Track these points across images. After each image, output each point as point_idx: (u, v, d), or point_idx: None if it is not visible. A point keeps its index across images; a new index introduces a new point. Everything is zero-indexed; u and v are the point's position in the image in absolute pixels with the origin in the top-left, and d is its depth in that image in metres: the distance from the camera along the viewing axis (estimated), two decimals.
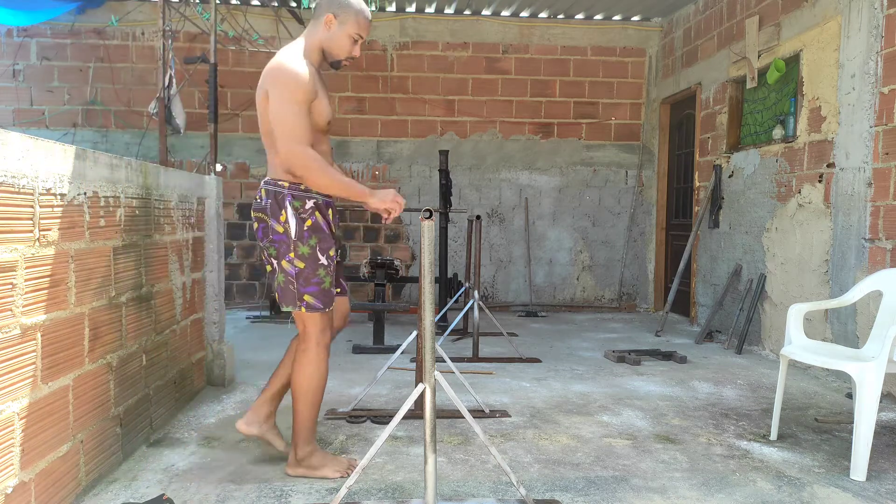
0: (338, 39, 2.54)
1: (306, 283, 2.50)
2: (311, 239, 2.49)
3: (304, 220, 2.49)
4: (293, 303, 2.52)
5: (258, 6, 7.08)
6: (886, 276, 3.19)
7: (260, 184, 2.61)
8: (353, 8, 2.53)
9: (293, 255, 2.49)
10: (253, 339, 5.50)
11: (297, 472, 2.60)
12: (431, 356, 2.21)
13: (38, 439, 2.08)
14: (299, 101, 2.41)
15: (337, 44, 2.55)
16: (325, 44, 2.55)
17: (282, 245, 2.50)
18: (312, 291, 2.51)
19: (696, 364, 4.81)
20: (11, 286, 1.94)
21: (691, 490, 2.55)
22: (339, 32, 2.53)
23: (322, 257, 2.52)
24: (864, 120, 4.10)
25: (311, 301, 2.51)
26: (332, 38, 2.54)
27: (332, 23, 2.52)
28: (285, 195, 2.49)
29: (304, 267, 2.49)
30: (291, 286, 2.51)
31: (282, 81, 2.42)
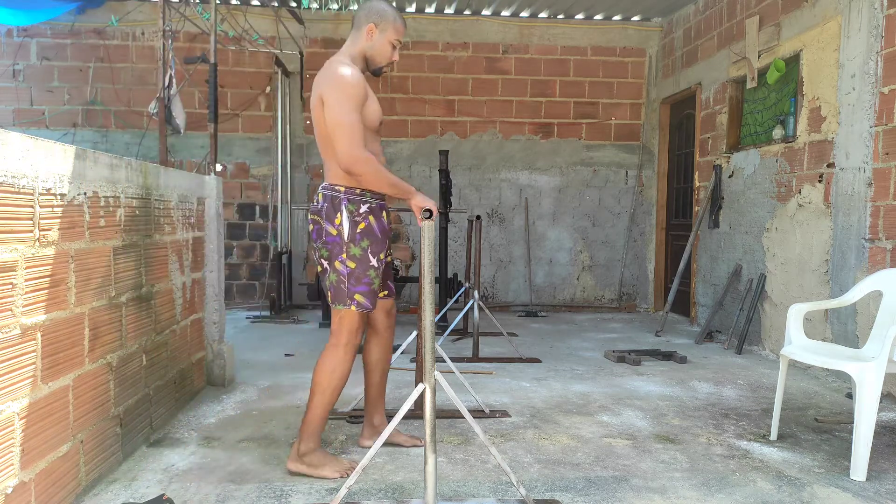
0: (379, 47, 2.72)
1: (357, 282, 2.63)
2: (362, 241, 2.63)
3: (358, 224, 2.62)
4: (344, 301, 2.65)
5: (258, 6, 7.08)
6: (886, 276, 3.19)
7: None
8: (390, 16, 2.72)
9: (345, 255, 2.62)
10: (253, 339, 5.50)
11: (296, 468, 2.63)
12: (431, 356, 2.21)
13: (38, 439, 2.08)
14: (355, 104, 2.55)
15: (379, 51, 2.73)
16: (367, 52, 2.73)
17: (334, 246, 2.64)
18: (363, 291, 2.64)
19: (696, 364, 4.81)
20: (11, 286, 1.94)
21: (691, 490, 2.55)
22: (380, 40, 2.71)
23: (373, 259, 2.65)
24: (864, 120, 4.10)
25: (361, 300, 2.64)
26: (374, 47, 2.72)
27: (374, 32, 2.70)
28: (341, 199, 2.62)
29: (355, 267, 2.63)
30: (343, 285, 2.64)
31: (338, 87, 2.55)
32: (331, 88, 2.56)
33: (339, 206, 2.62)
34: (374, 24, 2.69)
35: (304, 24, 7.08)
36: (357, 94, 2.56)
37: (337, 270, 2.64)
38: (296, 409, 3.53)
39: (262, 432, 3.16)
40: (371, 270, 2.64)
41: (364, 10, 2.73)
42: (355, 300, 2.63)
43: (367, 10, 2.72)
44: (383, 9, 2.72)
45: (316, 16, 7.19)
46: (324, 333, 5.85)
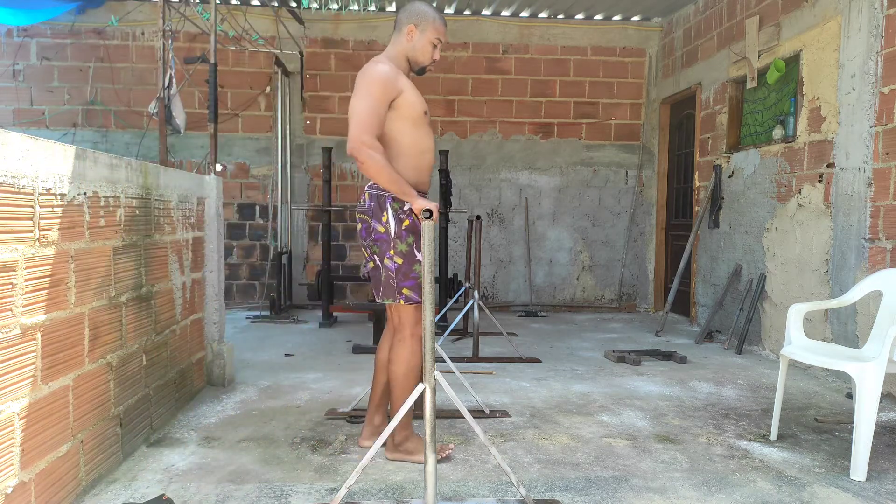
0: (420, 47, 2.79)
1: (405, 277, 2.69)
2: (408, 237, 2.69)
3: (402, 221, 2.69)
4: (393, 296, 2.71)
5: (258, 6, 7.08)
6: (886, 276, 3.19)
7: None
8: (430, 16, 2.78)
9: (393, 252, 2.69)
10: (253, 339, 5.50)
11: (394, 457, 2.75)
12: (431, 356, 2.21)
13: (38, 439, 2.08)
14: (374, 94, 2.61)
15: (420, 51, 2.79)
16: (409, 53, 2.80)
17: (383, 243, 2.72)
18: (410, 285, 2.69)
19: (696, 364, 4.81)
20: (11, 286, 1.94)
21: (691, 490, 2.55)
22: (421, 41, 2.78)
23: (418, 254, 2.69)
24: (864, 120, 4.10)
25: (408, 294, 2.69)
26: (416, 47, 2.79)
27: (414, 32, 2.77)
28: (386, 198, 2.69)
29: (403, 263, 2.69)
30: (391, 280, 2.70)
31: (361, 81, 2.65)
32: (357, 83, 2.67)
33: (385, 205, 2.69)
34: (414, 24, 2.76)
35: (304, 24, 7.08)
36: (378, 85, 2.62)
37: (386, 266, 2.71)
38: (296, 409, 3.54)
39: (262, 432, 3.16)
40: (417, 265, 2.69)
41: (405, 11, 2.80)
42: (403, 294, 2.69)
43: (407, 12, 2.79)
44: (423, 9, 2.78)
45: (316, 16, 7.19)
46: (324, 333, 5.86)
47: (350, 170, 7.39)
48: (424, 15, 2.77)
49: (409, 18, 2.77)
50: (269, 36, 6.92)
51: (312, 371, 4.44)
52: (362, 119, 2.58)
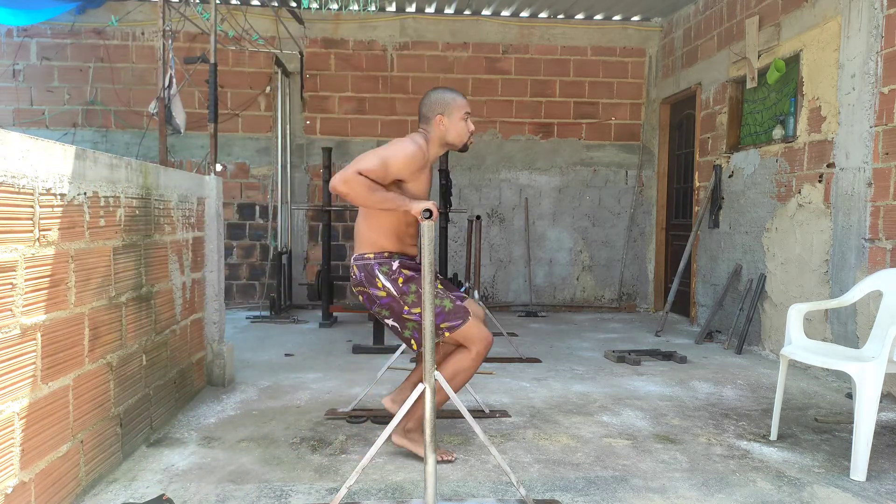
0: (454, 129, 2.85)
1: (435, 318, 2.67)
2: (411, 288, 2.70)
3: (397, 280, 2.71)
4: (439, 336, 2.70)
5: (258, 6, 7.08)
6: (886, 276, 3.19)
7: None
8: (450, 99, 2.84)
9: (407, 307, 2.70)
10: (253, 339, 5.50)
11: (399, 442, 2.78)
12: (431, 356, 2.21)
13: (38, 439, 2.08)
14: (390, 161, 2.63)
15: (456, 132, 2.85)
16: (446, 138, 2.86)
17: (392, 305, 2.72)
18: (441, 321, 2.68)
19: (696, 364, 4.81)
20: (11, 286, 1.94)
21: (691, 490, 2.55)
22: (451, 123, 2.84)
23: None
24: (864, 120, 4.10)
25: (447, 325, 2.69)
26: (450, 131, 2.84)
27: (443, 120, 2.83)
28: (373, 265, 2.73)
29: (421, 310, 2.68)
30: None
31: (395, 142, 2.73)
32: (393, 141, 2.74)
33: (374, 272, 2.71)
34: (440, 114, 2.82)
35: (304, 24, 7.09)
36: (401, 156, 2.66)
37: (411, 321, 2.72)
38: (296, 409, 3.54)
39: (262, 432, 3.16)
40: (436, 300, 2.66)
41: (426, 105, 2.85)
42: (443, 330, 2.69)
43: (429, 105, 2.84)
44: (442, 97, 2.84)
45: (316, 16, 7.19)
46: (324, 333, 5.86)
47: None
48: (445, 101, 2.83)
49: (434, 110, 2.82)
50: (269, 36, 6.92)
51: (312, 371, 4.44)
52: (365, 165, 2.58)
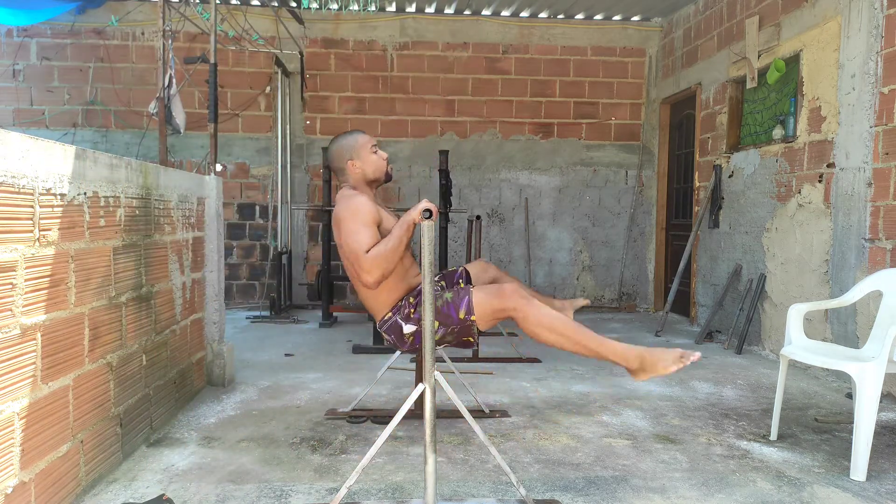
0: (369, 165, 2.87)
1: (448, 320, 2.67)
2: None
3: (409, 314, 2.75)
4: (468, 311, 2.66)
5: (258, 6, 7.08)
6: (886, 276, 3.19)
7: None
8: (351, 142, 2.87)
9: (437, 322, 2.66)
10: (253, 339, 5.50)
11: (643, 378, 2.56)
12: (431, 356, 2.21)
13: (38, 439, 2.08)
14: (364, 222, 2.65)
15: (372, 167, 2.88)
16: (366, 177, 2.88)
17: (418, 333, 2.74)
18: (453, 311, 2.66)
19: (696, 364, 4.80)
20: (11, 286, 1.94)
21: (691, 490, 2.55)
22: (364, 163, 2.86)
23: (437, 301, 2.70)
24: (864, 120, 4.10)
25: (464, 312, 2.65)
26: (366, 169, 2.87)
27: (355, 163, 2.85)
28: (395, 320, 2.76)
29: (440, 321, 2.67)
30: (457, 323, 2.68)
31: (345, 214, 2.68)
32: (339, 221, 2.69)
33: (399, 326, 2.74)
34: (349, 159, 2.85)
35: (304, 24, 7.09)
36: (361, 212, 2.66)
37: (449, 319, 2.68)
38: (296, 409, 3.54)
39: (262, 432, 3.16)
40: (439, 300, 2.68)
41: (334, 159, 2.89)
42: (469, 309, 2.64)
43: (336, 157, 2.88)
44: (343, 144, 2.87)
45: (316, 16, 7.19)
46: (324, 333, 5.86)
47: None
48: (348, 146, 2.86)
49: (342, 158, 2.85)
50: (269, 36, 6.92)
51: (312, 371, 4.44)
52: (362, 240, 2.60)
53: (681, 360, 2.45)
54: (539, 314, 2.60)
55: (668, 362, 2.46)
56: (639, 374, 2.54)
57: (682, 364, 2.44)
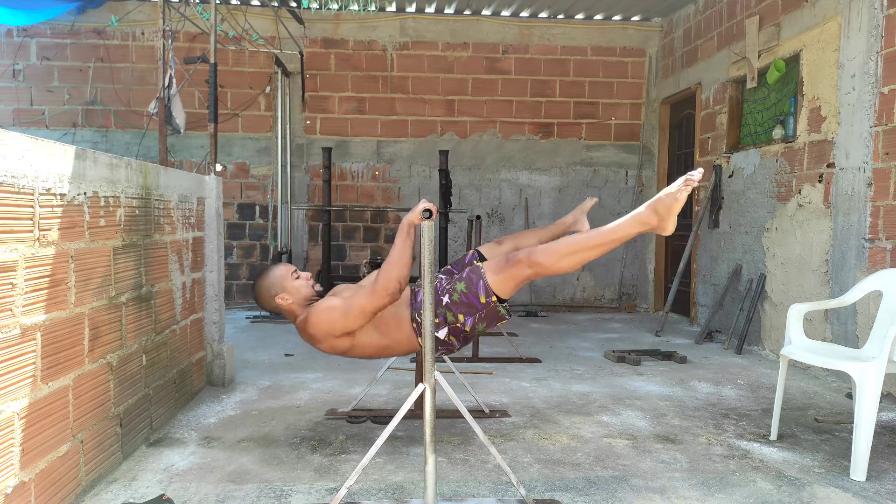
0: (295, 293, 2.81)
1: (471, 310, 2.65)
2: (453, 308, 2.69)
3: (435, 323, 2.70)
4: (499, 313, 2.67)
5: (258, 6, 7.08)
6: (886, 276, 3.19)
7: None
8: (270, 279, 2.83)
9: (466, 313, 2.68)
10: (253, 339, 5.50)
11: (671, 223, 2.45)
12: (431, 356, 2.21)
13: (38, 439, 2.08)
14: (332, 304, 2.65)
15: (298, 294, 2.81)
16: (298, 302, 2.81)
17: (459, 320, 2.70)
18: (475, 300, 2.64)
19: (696, 364, 4.81)
20: (11, 286, 1.94)
21: (691, 490, 2.55)
22: (291, 293, 2.80)
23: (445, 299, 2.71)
24: (864, 120, 4.10)
25: (484, 297, 2.62)
26: (294, 297, 2.80)
27: (284, 297, 2.80)
28: None
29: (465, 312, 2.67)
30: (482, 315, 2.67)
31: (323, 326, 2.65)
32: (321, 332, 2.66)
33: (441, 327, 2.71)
34: (277, 295, 2.80)
35: (304, 24, 7.09)
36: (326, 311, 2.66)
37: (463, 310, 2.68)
38: (296, 409, 3.54)
39: (262, 432, 3.16)
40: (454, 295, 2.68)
41: (263, 300, 2.85)
42: (490, 301, 2.63)
43: (262, 300, 2.85)
44: (264, 285, 2.83)
45: (316, 16, 7.19)
46: None
47: (350, 169, 7.39)
48: (270, 283, 2.82)
49: (269, 299, 2.81)
50: (269, 36, 6.92)
51: (312, 371, 4.44)
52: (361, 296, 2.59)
53: (686, 184, 2.38)
54: (551, 256, 2.54)
55: (676, 194, 2.40)
56: (664, 224, 2.45)
57: (688, 186, 2.38)
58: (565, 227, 3.09)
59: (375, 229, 7.43)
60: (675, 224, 2.46)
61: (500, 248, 2.99)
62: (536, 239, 2.99)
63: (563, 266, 2.55)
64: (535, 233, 3.06)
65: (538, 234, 3.04)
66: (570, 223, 3.10)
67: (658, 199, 2.45)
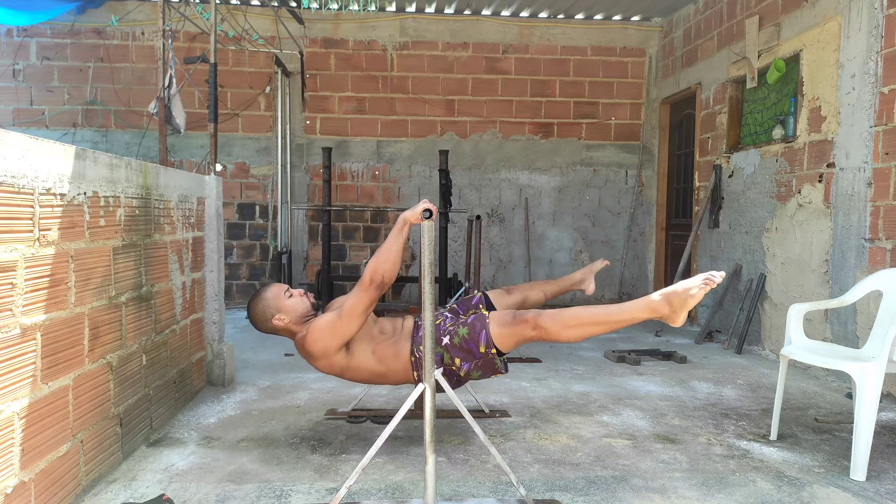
0: (293, 311, 2.81)
1: (469, 356, 2.68)
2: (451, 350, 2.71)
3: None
4: (496, 366, 2.71)
5: (258, 6, 7.08)
6: (886, 276, 3.19)
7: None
8: (264, 302, 2.82)
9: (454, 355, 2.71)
10: (253, 339, 5.49)
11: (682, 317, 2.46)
12: (431, 356, 2.21)
13: (37, 439, 2.08)
14: (328, 319, 2.66)
15: (294, 312, 2.81)
16: (295, 320, 2.80)
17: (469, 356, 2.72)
18: (475, 347, 2.66)
19: (696, 364, 4.81)
20: (11, 286, 1.94)
21: (691, 490, 2.55)
22: (287, 312, 2.80)
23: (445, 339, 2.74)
24: (864, 120, 4.10)
25: (483, 346, 2.64)
26: (292, 315, 2.80)
27: (281, 317, 2.79)
28: None
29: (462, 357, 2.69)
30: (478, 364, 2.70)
31: (321, 342, 2.66)
32: (319, 348, 2.66)
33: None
34: (273, 318, 2.79)
35: (304, 24, 7.08)
36: (322, 327, 2.67)
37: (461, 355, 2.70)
38: (296, 409, 3.54)
39: (262, 432, 3.16)
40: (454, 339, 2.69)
41: (258, 325, 2.85)
42: (489, 352, 2.65)
43: (259, 323, 2.84)
44: (258, 308, 2.82)
45: (316, 16, 7.19)
46: None
47: (350, 169, 7.39)
48: (265, 306, 2.81)
49: (266, 321, 2.80)
50: (269, 36, 6.92)
51: (312, 371, 4.42)
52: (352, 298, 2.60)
53: (705, 283, 2.37)
54: (557, 325, 2.57)
55: (694, 290, 2.39)
56: (676, 316, 2.45)
57: (708, 285, 2.37)
58: (572, 284, 3.14)
59: (375, 229, 7.43)
60: (685, 318, 2.47)
61: (509, 298, 3.02)
62: (543, 293, 3.06)
63: (567, 336, 2.59)
64: (542, 286, 3.11)
65: (545, 288, 3.09)
66: (578, 280, 3.13)
67: (674, 291, 2.45)
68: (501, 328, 2.63)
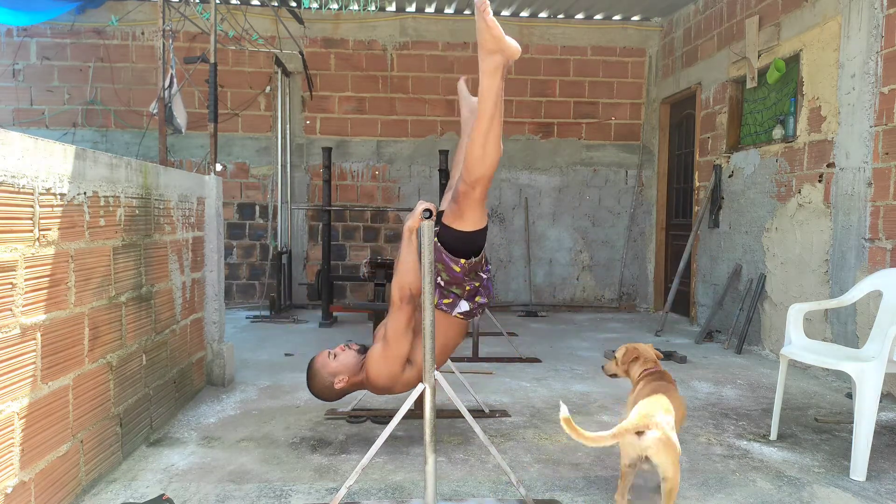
0: (347, 368, 2.79)
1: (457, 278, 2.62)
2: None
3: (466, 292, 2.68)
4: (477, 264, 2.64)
5: (258, 6, 7.08)
6: (886, 276, 3.19)
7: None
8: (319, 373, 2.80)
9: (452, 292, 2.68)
10: (253, 339, 5.50)
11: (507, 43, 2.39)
12: (431, 356, 2.21)
13: (37, 439, 2.08)
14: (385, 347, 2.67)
15: (348, 367, 2.79)
16: (354, 376, 2.79)
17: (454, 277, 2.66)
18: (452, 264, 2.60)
19: (696, 364, 4.81)
20: (11, 286, 1.94)
21: (691, 490, 2.55)
22: (342, 372, 2.78)
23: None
24: (864, 120, 4.10)
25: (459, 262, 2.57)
26: (347, 373, 2.78)
27: (341, 378, 2.77)
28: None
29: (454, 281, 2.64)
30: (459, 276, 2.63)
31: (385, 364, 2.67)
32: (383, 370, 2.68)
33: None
34: (332, 383, 2.78)
35: (304, 24, 7.08)
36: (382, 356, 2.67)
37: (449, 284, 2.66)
38: (296, 409, 3.54)
39: (261, 432, 3.16)
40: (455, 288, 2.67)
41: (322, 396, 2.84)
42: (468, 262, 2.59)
43: (322, 394, 2.83)
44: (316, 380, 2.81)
45: (316, 16, 7.19)
46: (324, 333, 5.86)
47: (350, 169, 7.39)
48: (321, 377, 2.80)
49: (330, 390, 2.80)
50: (269, 36, 6.92)
51: None
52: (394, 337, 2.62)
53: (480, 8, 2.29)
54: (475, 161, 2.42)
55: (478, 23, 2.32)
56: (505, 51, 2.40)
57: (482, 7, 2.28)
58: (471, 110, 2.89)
59: (375, 229, 7.43)
60: (511, 42, 2.36)
61: (450, 193, 2.85)
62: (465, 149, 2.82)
63: (489, 158, 2.42)
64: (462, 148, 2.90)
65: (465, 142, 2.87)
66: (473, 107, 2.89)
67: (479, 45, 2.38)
68: (456, 221, 2.52)
